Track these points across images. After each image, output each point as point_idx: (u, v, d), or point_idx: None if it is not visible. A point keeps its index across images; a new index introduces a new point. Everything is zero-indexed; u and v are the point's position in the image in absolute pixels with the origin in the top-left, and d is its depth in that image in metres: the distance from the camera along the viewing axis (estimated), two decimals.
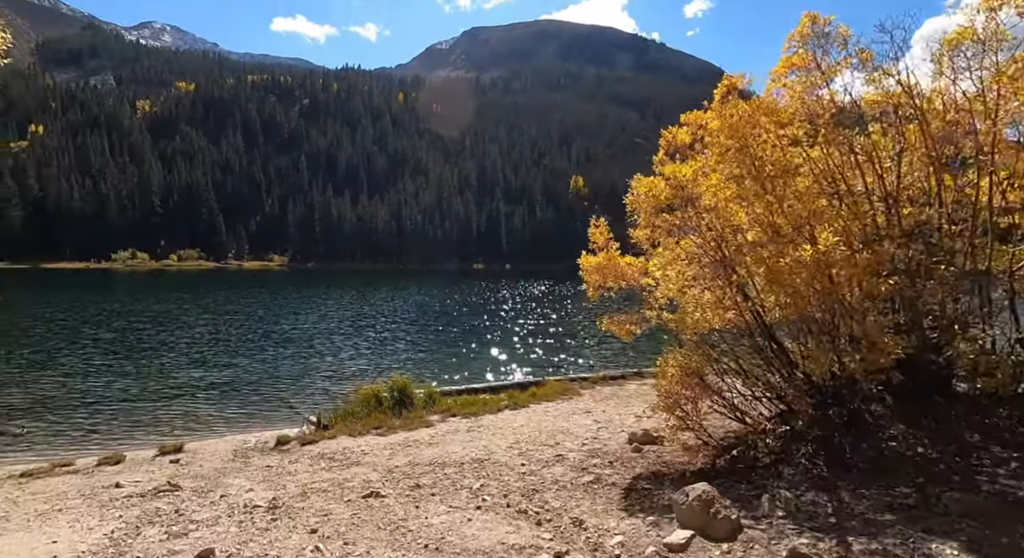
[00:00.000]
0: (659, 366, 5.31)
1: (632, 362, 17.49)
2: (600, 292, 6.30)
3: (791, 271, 4.11)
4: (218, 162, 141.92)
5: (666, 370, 4.89)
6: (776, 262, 4.42)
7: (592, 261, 5.99)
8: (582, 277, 6.19)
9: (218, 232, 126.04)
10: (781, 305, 4.69)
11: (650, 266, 5.69)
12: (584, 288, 6.31)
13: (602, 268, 5.93)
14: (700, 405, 4.87)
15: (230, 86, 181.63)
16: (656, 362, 5.44)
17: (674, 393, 4.84)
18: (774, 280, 4.52)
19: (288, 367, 15.23)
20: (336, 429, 10.04)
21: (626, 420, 8.40)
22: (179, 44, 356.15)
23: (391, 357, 17.24)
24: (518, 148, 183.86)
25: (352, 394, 12.06)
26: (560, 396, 11.99)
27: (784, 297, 4.38)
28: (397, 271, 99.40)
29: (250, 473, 7.45)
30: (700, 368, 4.91)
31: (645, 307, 6.04)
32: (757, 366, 5.36)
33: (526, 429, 8.16)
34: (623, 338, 6.14)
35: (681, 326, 5.17)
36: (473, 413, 10.59)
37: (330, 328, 23.60)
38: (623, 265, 5.85)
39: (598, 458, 5.74)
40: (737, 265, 4.68)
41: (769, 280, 4.56)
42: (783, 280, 4.44)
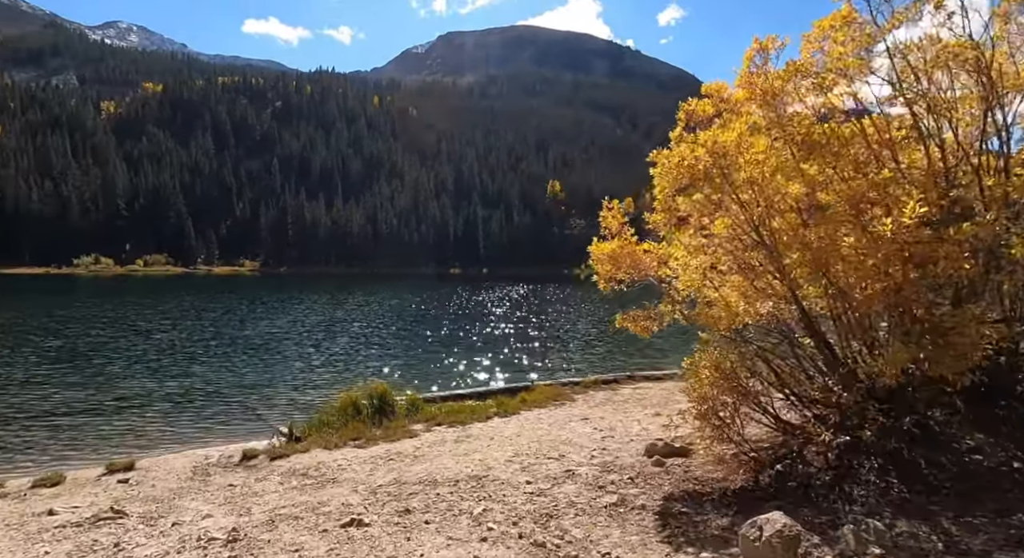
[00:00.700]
0: (687, 367, 4.60)
1: (621, 365, 16.85)
2: (612, 285, 5.57)
3: (861, 254, 3.44)
4: (187, 164, 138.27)
5: (699, 372, 4.18)
6: (827, 244, 3.75)
7: (604, 248, 5.27)
8: (592, 267, 5.46)
9: (187, 236, 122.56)
10: (833, 294, 4.02)
11: (673, 251, 4.98)
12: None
13: (615, 257, 5.22)
14: (740, 412, 4.16)
15: (200, 87, 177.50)
16: (685, 362, 4.73)
17: (709, 398, 4.12)
18: (823, 265, 3.86)
19: (255, 375, 14.15)
20: (310, 441, 9.13)
21: (630, 428, 7.70)
22: (146, 44, 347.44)
23: (367, 363, 16.28)
24: (495, 153, 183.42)
25: (327, 403, 11.18)
26: (552, 402, 11.25)
27: (846, 283, 3.71)
28: (372, 275, 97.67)
29: (210, 494, 6.53)
30: (737, 369, 4.21)
31: (664, 301, 5.33)
32: (797, 367, 4.69)
33: (523, 439, 7.38)
34: (641, 336, 5.42)
35: (711, 321, 4.47)
36: (460, 421, 9.77)
37: (301, 334, 22.34)
38: (639, 253, 5.13)
39: (615, 473, 5.00)
40: (784, 249, 4.00)
41: (817, 266, 3.89)
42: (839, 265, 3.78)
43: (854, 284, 3.75)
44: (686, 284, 5.07)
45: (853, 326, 4.09)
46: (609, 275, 5.55)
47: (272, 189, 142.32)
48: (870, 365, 3.53)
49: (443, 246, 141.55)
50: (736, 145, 3.82)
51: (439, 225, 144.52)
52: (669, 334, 23.85)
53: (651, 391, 12.02)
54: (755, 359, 4.46)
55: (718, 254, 4.69)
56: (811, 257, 3.88)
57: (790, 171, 4.12)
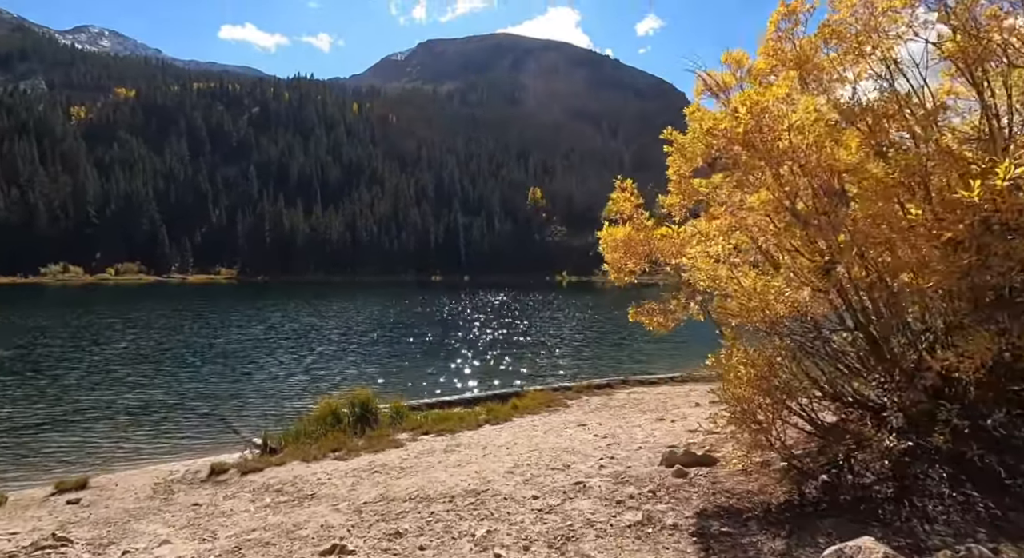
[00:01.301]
0: (714, 366, 4.06)
1: (610, 370, 16.33)
2: (624, 277, 5.04)
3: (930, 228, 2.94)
4: (161, 171, 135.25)
5: (734, 370, 3.64)
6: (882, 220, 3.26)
7: (616, 234, 4.73)
8: (601, 252, 4.93)
9: (160, 244, 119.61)
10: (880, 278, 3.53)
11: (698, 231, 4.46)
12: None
13: (628, 244, 4.69)
14: (782, 414, 3.63)
15: (174, 93, 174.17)
16: (709, 360, 4.20)
17: (746, 399, 3.59)
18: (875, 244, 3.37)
19: (227, 385, 13.27)
20: (286, 453, 8.41)
21: (635, 434, 7.15)
22: (119, 49, 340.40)
23: (347, 371, 15.51)
24: (476, 160, 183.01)
25: (305, 413, 10.45)
26: (545, 408, 10.68)
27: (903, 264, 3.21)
28: (352, 283, 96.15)
29: (171, 515, 5.81)
30: (776, 366, 3.69)
31: (681, 294, 4.81)
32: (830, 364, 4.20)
33: (520, 448, 6.78)
34: (657, 331, 4.88)
35: (740, 314, 3.95)
36: (449, 430, 9.15)
37: (277, 341, 21.36)
38: (656, 239, 4.60)
39: (631, 486, 4.43)
40: (827, 228, 3.50)
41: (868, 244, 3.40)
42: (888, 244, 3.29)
43: (915, 264, 3.25)
44: (708, 274, 4.54)
45: (900, 313, 3.59)
46: (620, 265, 5.02)
47: (249, 196, 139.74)
48: (939, 358, 3.02)
49: (424, 253, 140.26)
50: (782, 105, 3.31)
51: (420, 232, 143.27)
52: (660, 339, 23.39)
53: (647, 396, 11.52)
54: (790, 356, 3.94)
55: (749, 236, 4.17)
56: (860, 236, 3.38)
57: (840, 138, 3.63)
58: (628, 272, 5.13)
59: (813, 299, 3.90)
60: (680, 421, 7.84)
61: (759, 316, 3.88)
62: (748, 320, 3.99)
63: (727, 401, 3.72)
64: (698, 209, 5.23)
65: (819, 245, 3.69)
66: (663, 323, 4.80)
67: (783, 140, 3.57)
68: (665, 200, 4.96)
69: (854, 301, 3.89)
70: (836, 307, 3.95)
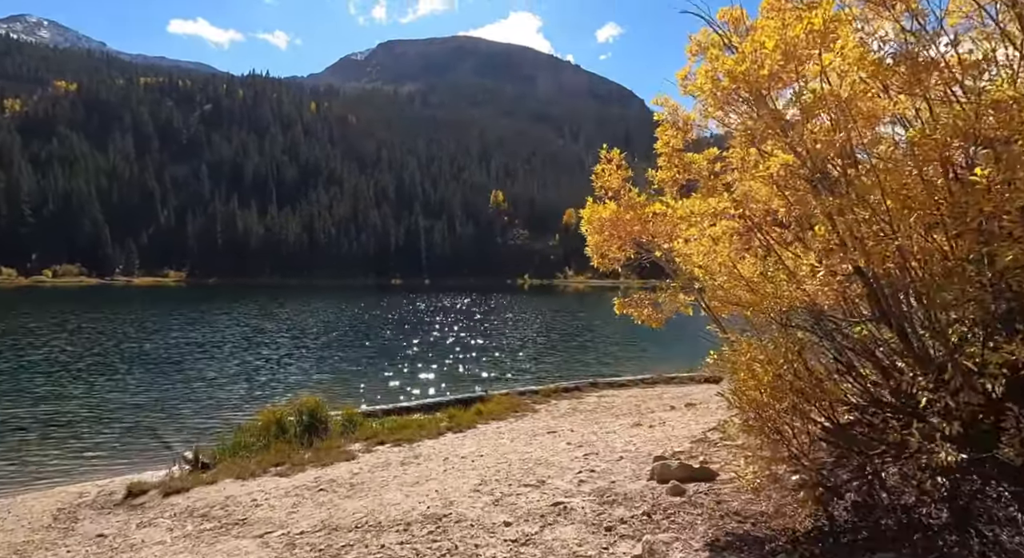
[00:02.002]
0: (717, 364, 3.43)
1: (580, 371, 15.74)
2: (609, 263, 4.38)
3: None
4: (104, 169, 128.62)
5: (747, 369, 3.01)
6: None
7: (601, 213, 4.06)
8: (584, 232, 4.26)
9: (103, 245, 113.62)
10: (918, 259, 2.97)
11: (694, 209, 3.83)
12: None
13: (615, 224, 4.03)
14: (808, 422, 3.01)
15: (119, 87, 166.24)
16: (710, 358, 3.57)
17: (763, 405, 2.96)
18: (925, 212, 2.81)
19: (160, 393, 12.00)
20: (220, 469, 7.43)
21: (612, 442, 6.51)
22: (59, 41, 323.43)
23: (297, 377, 14.41)
24: (437, 162, 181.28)
25: (246, 423, 9.44)
26: (511, 413, 9.97)
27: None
28: (309, 286, 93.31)
29: (67, 550, 4.84)
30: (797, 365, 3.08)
31: (677, 282, 4.19)
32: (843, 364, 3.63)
33: (487, 460, 6.04)
34: (650, 325, 4.24)
35: (751, 306, 3.34)
36: (407, 439, 8.33)
37: (221, 347, 19.87)
38: (648, 217, 3.97)
39: (620, 507, 3.76)
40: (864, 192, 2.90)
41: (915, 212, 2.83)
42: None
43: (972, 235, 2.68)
44: (706, 259, 3.93)
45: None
46: (603, 249, 4.34)
47: (200, 196, 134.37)
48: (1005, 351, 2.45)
49: (384, 256, 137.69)
50: (817, 41, 2.69)
51: (380, 235, 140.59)
52: (626, 341, 23.05)
53: (618, 399, 10.96)
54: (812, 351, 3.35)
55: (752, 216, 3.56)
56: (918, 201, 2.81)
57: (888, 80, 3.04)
58: (611, 259, 4.46)
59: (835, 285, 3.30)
60: (659, 427, 7.25)
61: (769, 306, 3.27)
62: (759, 309, 3.37)
63: (741, 407, 3.07)
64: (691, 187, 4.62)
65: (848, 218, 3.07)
66: (652, 316, 4.15)
67: (814, 85, 2.97)
68: (656, 175, 4.32)
69: (897, 285, 3.31)
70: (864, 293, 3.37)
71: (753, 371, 3.07)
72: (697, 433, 6.35)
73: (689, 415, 8.06)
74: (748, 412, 3.05)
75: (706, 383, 13.36)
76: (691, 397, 10.45)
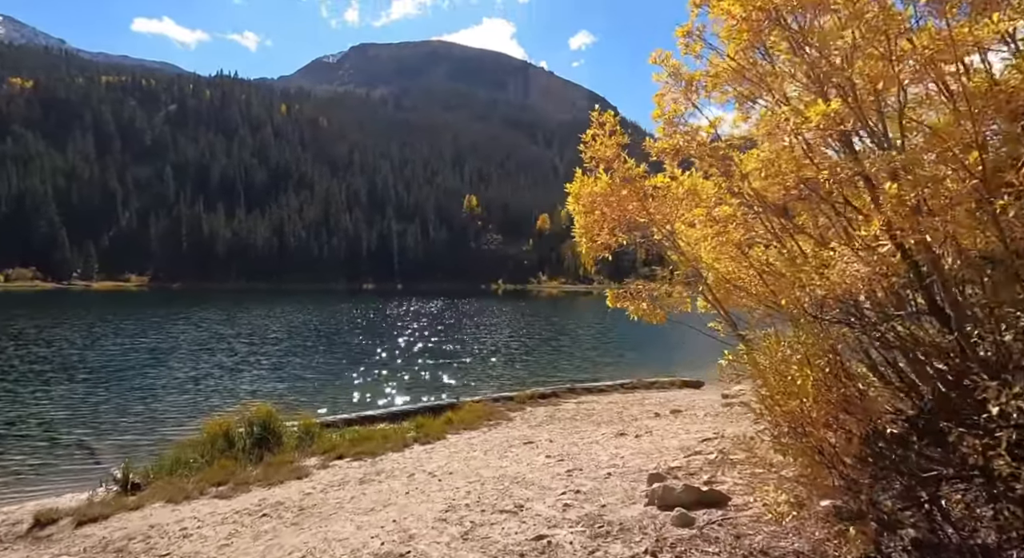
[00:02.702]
0: (735, 365, 2.80)
1: (556, 377, 15.09)
2: (599, 249, 3.75)
3: None
4: (62, 169, 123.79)
5: (782, 374, 2.38)
6: None
7: (593, 187, 3.43)
8: (571, 211, 3.61)
9: (60, 248, 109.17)
10: None
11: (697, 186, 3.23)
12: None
13: (609, 201, 3.38)
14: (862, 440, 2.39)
15: (79, 86, 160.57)
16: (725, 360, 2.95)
17: (803, 418, 2.33)
18: None
19: (95, 404, 10.81)
20: (153, 489, 6.54)
21: (596, 455, 5.86)
22: (15, 37, 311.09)
23: (252, 385, 13.40)
24: (410, 166, 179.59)
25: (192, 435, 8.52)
26: (484, 422, 9.26)
27: None
28: (278, 291, 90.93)
29: None
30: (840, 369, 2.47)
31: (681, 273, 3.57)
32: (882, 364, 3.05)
33: (456, 478, 5.33)
34: (649, 321, 3.61)
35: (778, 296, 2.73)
36: (369, 452, 7.55)
37: (171, 353, 18.51)
38: (649, 191, 3.34)
39: (617, 543, 3.09)
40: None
41: None
42: None
43: None
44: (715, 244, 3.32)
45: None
46: (594, 232, 3.69)
47: (164, 198, 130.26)
48: None
49: (356, 261, 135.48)
50: None
51: (351, 239, 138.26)
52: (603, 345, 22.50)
53: (598, 406, 10.34)
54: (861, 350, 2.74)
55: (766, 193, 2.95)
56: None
57: None
58: (601, 245, 3.82)
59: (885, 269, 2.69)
60: (646, 436, 6.62)
61: (793, 297, 2.64)
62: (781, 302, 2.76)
63: (775, 420, 2.43)
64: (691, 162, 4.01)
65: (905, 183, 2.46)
66: (649, 311, 3.51)
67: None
68: (654, 146, 3.69)
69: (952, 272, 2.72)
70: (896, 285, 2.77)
71: (787, 375, 2.43)
72: (690, 444, 5.74)
73: (677, 423, 7.46)
74: (782, 425, 2.41)
75: (686, 388, 12.86)
76: (675, 403, 9.89)
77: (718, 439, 5.76)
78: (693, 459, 4.75)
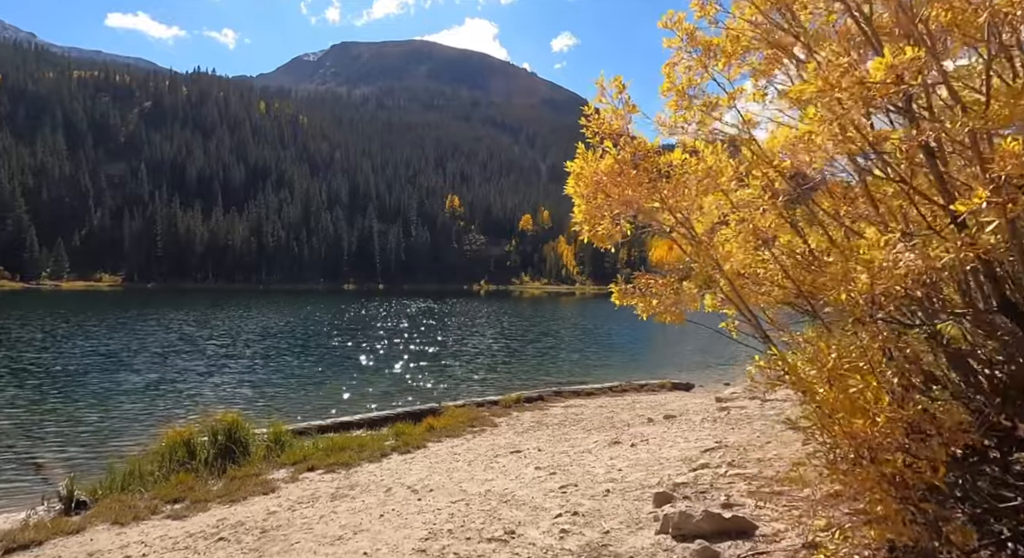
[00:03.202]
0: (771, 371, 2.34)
1: (542, 380, 14.61)
2: (602, 240, 3.29)
3: None
4: (30, 166, 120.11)
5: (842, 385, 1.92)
6: None
7: (597, 166, 2.95)
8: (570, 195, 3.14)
9: (29, 247, 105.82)
10: None
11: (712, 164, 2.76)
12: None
13: (617, 180, 2.92)
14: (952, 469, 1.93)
15: (49, 80, 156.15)
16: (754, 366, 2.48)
17: (870, 439, 1.87)
18: None
19: (45, 412, 10.08)
20: (99, 508, 5.89)
21: (591, 467, 5.38)
22: None
23: (221, 390, 12.65)
24: (392, 165, 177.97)
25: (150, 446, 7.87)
26: (468, 428, 8.74)
27: None
28: (256, 291, 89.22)
29: None
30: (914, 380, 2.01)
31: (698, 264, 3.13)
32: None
33: (438, 496, 4.80)
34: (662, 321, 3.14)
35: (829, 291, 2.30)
36: (343, 462, 6.98)
37: (136, 356, 17.39)
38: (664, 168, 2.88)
39: None
40: None
41: None
42: None
43: None
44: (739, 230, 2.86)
45: None
46: (597, 217, 3.22)
47: (138, 196, 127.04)
48: None
49: (337, 261, 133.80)
50: None
51: (332, 239, 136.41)
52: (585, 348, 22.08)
53: (587, 410, 9.88)
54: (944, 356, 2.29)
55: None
56: None
57: None
58: (603, 236, 3.33)
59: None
60: (642, 445, 6.16)
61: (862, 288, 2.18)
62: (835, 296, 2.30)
63: (833, 443, 1.97)
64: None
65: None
66: (669, 308, 3.05)
67: None
68: (667, 120, 3.24)
69: None
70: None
71: (846, 387, 1.97)
72: (692, 454, 5.29)
73: (674, 430, 7.02)
74: (844, 449, 1.94)
75: (676, 390, 12.47)
76: (667, 407, 9.46)
77: (722, 449, 5.32)
78: (701, 474, 4.29)
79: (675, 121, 3.23)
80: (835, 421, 1.97)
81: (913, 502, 1.90)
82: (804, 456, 2.31)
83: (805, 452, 2.34)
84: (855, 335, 2.09)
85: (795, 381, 2.20)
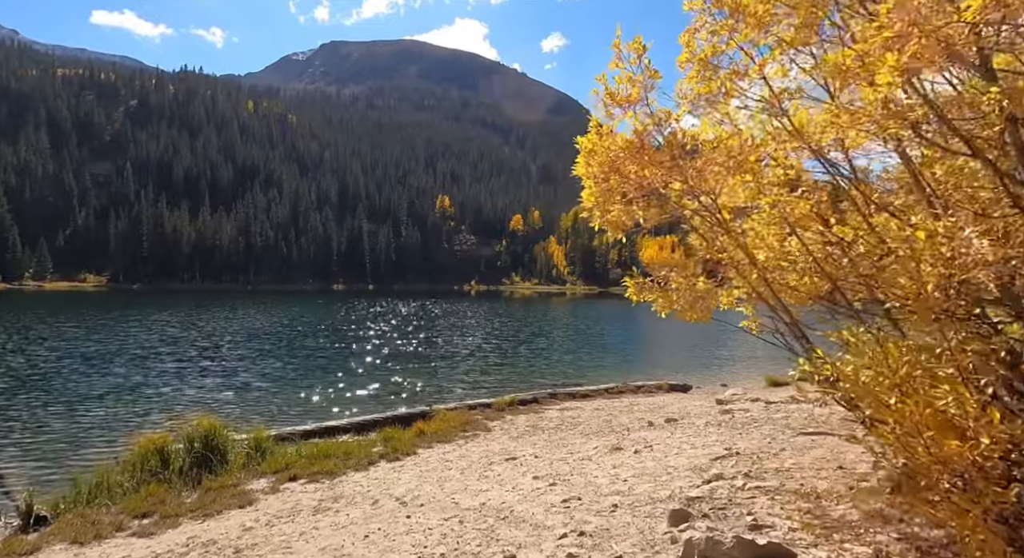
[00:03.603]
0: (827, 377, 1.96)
1: (536, 381, 14.21)
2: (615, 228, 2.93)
3: None
4: (13, 164, 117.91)
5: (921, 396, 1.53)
6: None
7: (611, 144, 2.57)
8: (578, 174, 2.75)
9: (12, 247, 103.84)
10: None
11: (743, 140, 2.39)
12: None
13: (634, 156, 2.55)
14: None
15: (32, 78, 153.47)
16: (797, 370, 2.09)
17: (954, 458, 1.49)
18: None
19: (10, 418, 9.54)
20: (59, 525, 5.43)
21: (593, 476, 5.01)
22: None
23: (200, 393, 12.14)
24: (382, 165, 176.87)
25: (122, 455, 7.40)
26: (460, 433, 8.34)
27: None
28: (244, 292, 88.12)
29: None
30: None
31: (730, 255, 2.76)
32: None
33: (430, 511, 4.40)
34: (684, 320, 2.76)
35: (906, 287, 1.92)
36: (328, 471, 6.56)
37: (114, 359, 16.68)
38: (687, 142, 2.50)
39: None
40: None
41: None
42: None
43: None
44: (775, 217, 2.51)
45: None
46: (609, 202, 2.85)
47: (124, 196, 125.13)
48: None
49: (326, 261, 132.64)
50: None
51: (321, 239, 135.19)
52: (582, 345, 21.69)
53: (583, 413, 9.51)
54: None
55: None
56: None
57: None
58: (615, 223, 2.95)
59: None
60: (646, 452, 5.80)
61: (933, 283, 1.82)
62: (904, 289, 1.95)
63: (918, 468, 1.60)
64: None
65: None
66: (693, 305, 2.67)
67: None
68: (688, 92, 2.86)
69: None
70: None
71: (936, 399, 1.59)
72: (701, 463, 4.92)
73: (677, 434, 6.65)
74: (935, 475, 1.57)
75: (674, 392, 12.13)
76: (667, 410, 9.12)
77: (733, 458, 4.97)
78: (716, 487, 3.92)
79: (698, 92, 2.86)
80: (919, 441, 1.60)
81: (1020, 535, 1.54)
82: (863, 479, 1.94)
83: (857, 473, 1.97)
84: (938, 335, 1.72)
85: (852, 389, 1.83)
